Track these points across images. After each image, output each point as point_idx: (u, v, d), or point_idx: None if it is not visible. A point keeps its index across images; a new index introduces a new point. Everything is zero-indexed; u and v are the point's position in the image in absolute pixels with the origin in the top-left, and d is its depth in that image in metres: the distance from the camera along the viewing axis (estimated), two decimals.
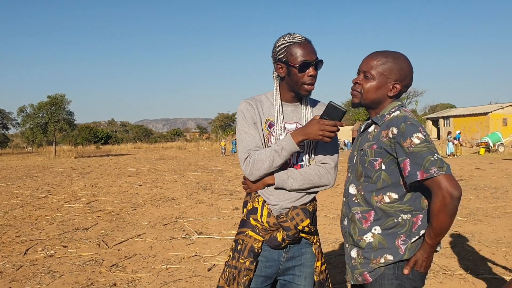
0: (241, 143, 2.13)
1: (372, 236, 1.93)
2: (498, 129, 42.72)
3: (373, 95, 1.99)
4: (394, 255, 1.90)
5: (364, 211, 1.96)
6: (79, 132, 63.14)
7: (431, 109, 79.39)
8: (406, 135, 1.82)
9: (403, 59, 2.00)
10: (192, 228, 7.23)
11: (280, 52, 2.11)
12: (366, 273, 1.94)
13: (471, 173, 15.49)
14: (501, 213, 7.89)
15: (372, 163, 1.92)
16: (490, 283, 4.33)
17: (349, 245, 2.04)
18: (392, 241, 1.90)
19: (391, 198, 1.91)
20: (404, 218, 1.90)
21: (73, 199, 10.97)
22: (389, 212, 1.90)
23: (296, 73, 2.08)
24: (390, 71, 1.96)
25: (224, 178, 15.84)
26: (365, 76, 1.99)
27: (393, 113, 1.96)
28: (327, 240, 6.16)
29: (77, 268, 5.11)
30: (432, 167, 1.75)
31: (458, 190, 1.75)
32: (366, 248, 1.94)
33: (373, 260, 1.93)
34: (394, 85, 1.98)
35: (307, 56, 2.07)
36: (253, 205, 2.15)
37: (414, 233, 1.90)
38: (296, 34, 2.12)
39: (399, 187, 1.90)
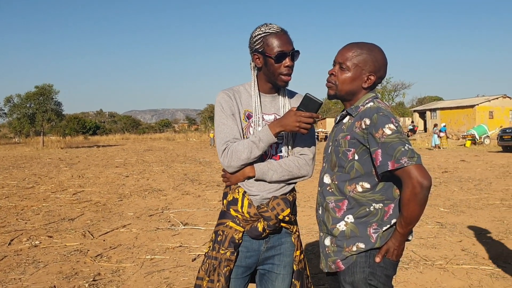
0: (219, 135, 2.13)
1: (345, 224, 1.97)
2: (485, 122, 43.17)
3: (348, 86, 2.01)
4: (365, 243, 1.94)
5: (337, 200, 1.99)
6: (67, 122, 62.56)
7: (419, 102, 79.95)
8: (378, 126, 1.85)
9: (377, 50, 2.02)
10: (177, 219, 7.26)
11: (256, 43, 2.12)
12: (339, 261, 1.98)
13: (456, 165, 15.68)
14: (484, 205, 8.02)
15: (346, 154, 1.96)
16: (469, 273, 4.42)
17: (323, 234, 2.08)
18: (364, 230, 1.94)
19: (364, 188, 1.94)
20: (376, 207, 1.94)
21: (59, 189, 10.93)
22: (361, 201, 1.94)
23: (272, 64, 2.09)
24: (365, 63, 1.99)
25: (212, 169, 15.85)
26: (341, 67, 2.01)
27: (367, 104, 1.99)
28: (311, 231, 6.22)
29: (61, 258, 5.11)
30: (403, 157, 1.79)
31: (428, 180, 1.79)
32: (339, 236, 1.98)
33: (345, 248, 1.97)
34: (368, 77, 2.01)
35: (283, 46, 2.08)
36: (233, 196, 2.17)
37: (385, 222, 1.94)
38: (272, 25, 2.12)
39: (371, 177, 1.94)
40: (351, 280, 1.96)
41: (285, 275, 2.23)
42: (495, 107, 50.34)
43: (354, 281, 1.95)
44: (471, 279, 4.27)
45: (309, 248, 5.38)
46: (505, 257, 4.91)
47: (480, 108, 49.83)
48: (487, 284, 4.12)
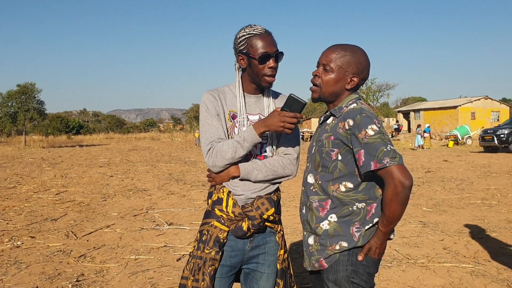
0: (204, 135, 2.15)
1: (328, 223, 2.00)
2: (467, 123, 43.82)
3: (331, 88, 2.04)
4: (348, 242, 1.97)
5: (321, 199, 2.02)
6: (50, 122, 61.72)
7: (403, 102, 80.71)
8: (361, 127, 1.88)
9: (360, 52, 2.05)
10: (162, 219, 7.23)
11: (241, 44, 2.14)
12: (322, 259, 2.01)
13: (439, 165, 15.88)
14: (465, 204, 8.14)
15: (329, 154, 1.99)
16: (450, 271, 4.50)
17: (307, 233, 2.11)
18: (347, 229, 1.97)
19: (347, 187, 1.97)
20: (359, 206, 1.97)
21: (42, 189, 10.81)
22: (344, 200, 1.97)
23: (256, 65, 2.11)
24: (348, 65, 2.01)
25: (197, 169, 15.82)
26: (324, 68, 2.04)
27: (350, 105, 2.02)
28: (296, 230, 6.25)
29: (44, 259, 5.06)
30: (385, 157, 1.82)
31: (409, 179, 1.82)
32: (322, 235, 2.01)
33: (328, 247, 2.00)
34: (352, 78, 2.03)
35: (267, 48, 2.10)
36: (218, 196, 2.18)
37: (367, 221, 1.97)
38: (256, 26, 2.14)
39: (354, 177, 1.97)
40: (334, 278, 1.98)
41: (270, 274, 2.25)
42: (477, 108, 51.06)
43: (337, 279, 1.98)
44: (452, 277, 4.34)
45: (293, 248, 5.41)
46: (485, 255, 5.00)
47: (462, 109, 50.49)
48: (467, 282, 4.19)
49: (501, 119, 48.62)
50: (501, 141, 22.48)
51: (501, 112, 51.99)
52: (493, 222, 6.63)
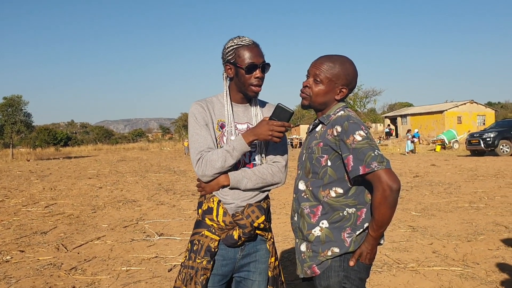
0: (193, 145, 2.18)
1: (320, 230, 2.03)
2: (453, 127, 44.22)
3: (321, 99, 2.11)
4: (340, 248, 2.00)
5: (312, 206, 2.06)
6: (38, 134, 61.26)
7: (390, 108, 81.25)
8: (349, 133, 1.94)
9: (349, 64, 2.12)
10: (153, 229, 7.22)
11: (228, 54, 2.20)
12: (315, 266, 2.04)
13: (427, 169, 16.02)
14: (453, 208, 8.23)
15: (319, 160, 2.04)
16: (439, 274, 4.55)
17: (299, 240, 2.14)
18: (338, 234, 2.01)
19: (337, 193, 2.02)
20: (349, 212, 2.01)
21: (31, 202, 10.71)
22: (335, 206, 2.02)
23: (243, 74, 2.17)
24: (337, 77, 2.08)
25: (187, 178, 15.78)
26: (315, 80, 2.10)
27: (338, 113, 2.09)
28: (287, 238, 6.28)
29: (34, 273, 5.03)
30: (373, 162, 1.87)
31: (397, 183, 1.87)
32: (314, 241, 2.05)
33: (321, 253, 2.03)
34: (341, 89, 2.11)
35: (254, 58, 2.16)
36: (208, 205, 2.20)
37: (358, 226, 2.02)
38: (245, 37, 2.21)
39: (344, 182, 2.02)
40: (326, 284, 2.02)
41: (261, 282, 2.27)
42: (463, 112, 51.65)
43: (329, 285, 2.01)
44: (442, 280, 4.39)
45: (285, 255, 5.43)
46: (474, 258, 5.06)
47: (448, 114, 51.04)
48: (457, 285, 4.25)
49: (487, 123, 49.22)
50: (487, 145, 22.75)
51: (486, 116, 52.64)
52: (481, 225, 6.71)
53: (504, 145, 22.71)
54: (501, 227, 6.52)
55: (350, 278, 2.01)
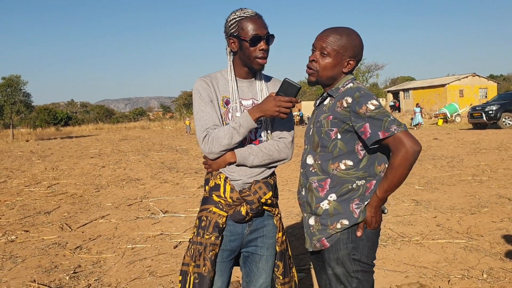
0: (199, 122, 2.14)
1: (328, 203, 2.02)
2: (455, 100, 44.07)
3: (329, 72, 2.06)
4: (349, 219, 2.00)
5: (320, 179, 2.04)
6: (38, 114, 61.16)
7: (392, 82, 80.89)
8: (361, 103, 1.91)
9: (355, 35, 2.07)
10: (157, 207, 7.24)
11: (232, 27, 2.14)
12: (324, 239, 2.04)
13: (429, 143, 16.00)
14: (456, 181, 8.23)
15: (328, 133, 2.01)
16: (444, 247, 4.56)
17: (307, 214, 2.13)
18: (346, 206, 2.00)
19: (347, 165, 2.00)
20: (359, 184, 2.00)
21: (33, 183, 10.74)
22: (344, 178, 2.00)
23: (248, 47, 2.11)
24: (345, 49, 2.03)
25: (189, 156, 15.80)
26: (322, 53, 2.05)
27: (347, 85, 2.05)
28: (291, 213, 6.29)
29: (40, 252, 5.05)
30: (392, 125, 1.85)
31: (419, 145, 1.86)
32: (323, 215, 2.04)
33: (329, 226, 2.02)
34: (348, 62, 2.06)
35: (258, 30, 2.10)
36: (215, 182, 2.18)
37: (366, 197, 2.01)
38: (247, 9, 2.15)
39: (353, 155, 2.00)
40: (335, 257, 2.02)
41: (269, 257, 2.28)
42: (465, 85, 51.35)
43: (338, 257, 2.01)
44: (446, 252, 4.40)
45: (289, 231, 5.45)
46: (478, 230, 5.07)
47: (450, 87, 50.76)
48: (461, 257, 4.26)
49: (489, 95, 48.99)
50: (489, 118, 22.68)
51: (488, 89, 52.35)
52: (484, 197, 6.71)
53: (506, 117, 22.64)
54: (505, 199, 6.52)
55: (359, 248, 2.01)
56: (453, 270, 3.97)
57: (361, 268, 2.01)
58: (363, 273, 2.02)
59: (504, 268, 3.92)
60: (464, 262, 4.13)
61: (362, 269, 2.01)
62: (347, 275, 2.01)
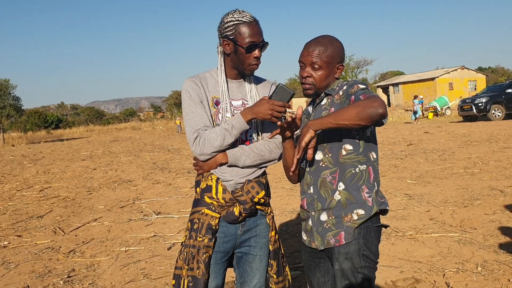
0: (189, 123, 2.12)
1: (339, 193, 2.02)
2: (445, 94, 44.22)
3: (324, 83, 2.12)
4: (364, 209, 2.00)
5: (332, 172, 2.04)
6: (28, 117, 60.71)
7: (381, 77, 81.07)
8: (353, 85, 2.02)
9: (336, 42, 2.14)
10: (150, 209, 7.21)
11: (228, 29, 2.11)
12: (342, 233, 2.00)
13: (420, 137, 16.08)
14: (448, 174, 8.27)
15: None
16: (438, 241, 4.58)
17: (316, 212, 2.08)
18: (358, 195, 2.01)
19: (347, 150, 2.02)
20: (361, 168, 2.02)
21: (25, 187, 10.65)
22: (347, 163, 2.02)
23: (243, 53, 2.11)
24: (332, 57, 2.10)
25: (181, 156, 15.75)
26: (313, 67, 2.09)
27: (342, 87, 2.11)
28: (285, 211, 6.29)
29: (33, 257, 5.01)
30: (372, 94, 1.93)
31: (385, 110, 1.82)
32: (336, 207, 2.02)
33: (344, 218, 2.01)
34: (338, 67, 2.14)
35: (254, 37, 2.10)
36: (206, 184, 2.17)
37: (372, 184, 2.04)
38: (245, 13, 2.13)
39: (351, 139, 2.03)
40: (345, 251, 2.00)
41: (262, 256, 2.27)
42: (454, 78, 51.62)
43: (348, 252, 2.00)
44: (440, 246, 4.42)
45: (283, 228, 5.45)
46: (471, 223, 5.10)
47: (440, 80, 51.00)
48: (455, 250, 4.28)
49: (478, 88, 49.25)
50: (479, 110, 22.84)
51: (478, 81, 52.67)
52: (477, 190, 6.75)
53: (496, 109, 22.82)
54: (497, 191, 6.56)
55: (369, 245, 2.01)
56: (447, 264, 3.98)
57: (368, 264, 2.02)
58: (369, 269, 2.02)
59: (498, 261, 3.95)
60: (458, 256, 4.15)
61: (369, 265, 2.02)
62: (354, 270, 2.00)
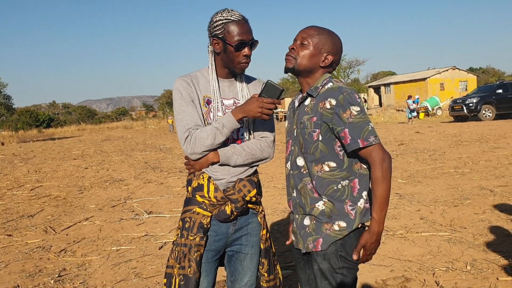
0: (180, 122, 2.12)
1: (323, 204, 2.02)
2: (436, 94, 44.51)
3: (306, 62, 2.06)
4: (346, 222, 1.99)
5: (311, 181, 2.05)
6: (19, 116, 60.32)
7: (373, 77, 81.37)
8: (345, 107, 1.92)
9: (336, 36, 2.12)
10: (141, 208, 7.19)
11: (217, 28, 2.12)
12: (320, 239, 2.02)
13: (411, 137, 16.16)
14: (439, 174, 8.33)
15: (311, 135, 2.01)
16: (428, 240, 4.62)
17: (299, 215, 2.11)
18: (341, 208, 2.00)
19: (330, 167, 2.00)
20: (343, 184, 2.00)
21: (16, 186, 10.57)
22: (330, 179, 2.00)
23: (232, 51, 2.11)
24: (324, 43, 2.07)
25: (173, 156, 15.71)
26: (302, 43, 2.07)
27: (326, 85, 2.05)
28: (277, 210, 6.31)
29: (23, 256, 4.99)
30: (371, 136, 1.90)
31: (389, 155, 1.94)
32: (319, 215, 2.03)
33: (324, 225, 2.02)
34: (326, 56, 2.08)
35: (243, 35, 2.10)
36: (198, 182, 2.17)
37: (357, 197, 2.01)
38: (234, 11, 2.13)
39: (335, 155, 2.00)
40: (323, 253, 2.02)
41: (253, 254, 2.28)
42: (445, 79, 51.92)
43: (326, 253, 2.01)
44: (431, 245, 4.46)
45: (275, 227, 5.46)
46: (461, 223, 5.15)
47: (431, 81, 51.28)
48: (445, 249, 4.32)
49: (469, 88, 49.59)
50: (470, 110, 22.97)
51: (468, 82, 53.02)
52: (467, 189, 6.81)
53: (486, 110, 22.96)
54: (486, 191, 6.62)
55: (346, 246, 2.01)
56: (437, 262, 4.02)
57: (347, 265, 2.02)
58: (348, 270, 2.02)
59: (487, 260, 3.99)
60: (448, 255, 4.18)
61: (348, 266, 2.02)
62: (332, 271, 2.01)
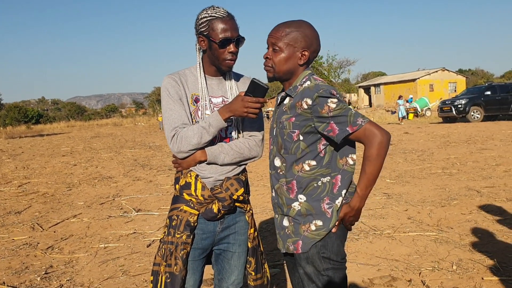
0: (167, 121, 2.12)
1: (299, 204, 2.02)
2: (425, 95, 44.76)
3: (284, 67, 2.04)
4: (323, 220, 1.99)
5: (288, 182, 2.04)
6: (7, 112, 59.77)
7: (363, 78, 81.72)
8: (322, 104, 1.91)
9: (305, 26, 2.05)
10: (130, 205, 7.16)
11: (202, 25, 2.11)
12: (300, 242, 2.02)
13: (400, 137, 16.26)
14: (427, 174, 8.40)
15: (291, 135, 2.00)
16: (415, 240, 4.66)
17: (279, 215, 2.13)
18: (318, 206, 1.99)
19: (310, 166, 2.00)
20: (324, 181, 2.00)
21: (3, 182, 10.47)
22: (309, 178, 2.00)
23: (217, 49, 2.10)
24: (295, 40, 2.02)
25: (163, 153, 15.65)
26: (274, 49, 2.04)
27: (304, 83, 2.03)
28: (266, 209, 6.32)
29: (10, 253, 4.95)
30: (357, 118, 1.88)
31: (387, 132, 1.91)
32: (295, 216, 2.03)
33: (302, 226, 2.01)
34: (302, 53, 2.04)
35: (228, 32, 2.08)
36: (185, 180, 2.17)
37: (336, 195, 2.00)
38: (219, 8, 2.12)
39: (316, 154, 2.00)
40: (305, 256, 2.02)
41: (241, 253, 2.28)
42: (435, 80, 52.25)
43: (308, 257, 2.01)
44: (417, 245, 4.50)
45: (263, 226, 5.47)
46: (448, 223, 5.20)
47: (421, 82, 51.58)
48: (432, 249, 4.36)
49: (458, 89, 49.97)
50: (458, 111, 23.17)
51: (458, 83, 53.41)
52: (454, 190, 6.87)
53: (475, 111, 23.17)
54: (473, 191, 6.69)
55: (328, 246, 2.00)
56: (424, 262, 4.05)
57: (332, 265, 2.01)
58: (334, 271, 2.02)
59: (473, 260, 4.03)
60: (435, 254, 4.22)
61: (333, 266, 2.01)
62: (317, 274, 2.01)
